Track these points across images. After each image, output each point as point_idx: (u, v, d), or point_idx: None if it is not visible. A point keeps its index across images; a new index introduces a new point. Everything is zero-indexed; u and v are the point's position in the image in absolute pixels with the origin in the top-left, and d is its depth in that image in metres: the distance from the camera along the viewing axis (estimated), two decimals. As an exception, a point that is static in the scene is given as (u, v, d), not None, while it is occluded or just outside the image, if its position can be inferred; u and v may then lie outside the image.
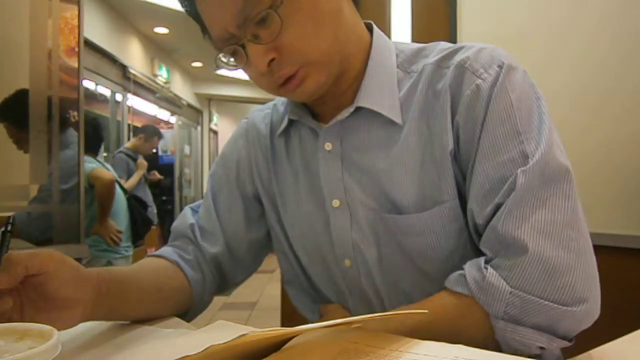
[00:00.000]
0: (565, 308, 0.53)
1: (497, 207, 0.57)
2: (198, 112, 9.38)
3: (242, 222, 0.83)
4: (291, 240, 0.79)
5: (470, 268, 0.57)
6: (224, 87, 9.28)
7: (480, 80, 0.61)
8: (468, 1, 1.75)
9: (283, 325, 1.94)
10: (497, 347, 0.55)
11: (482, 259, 0.57)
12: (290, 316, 2.14)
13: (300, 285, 0.83)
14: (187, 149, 8.62)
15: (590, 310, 0.54)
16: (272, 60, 0.61)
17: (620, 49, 1.45)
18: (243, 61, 0.63)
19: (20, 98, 1.84)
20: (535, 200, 0.55)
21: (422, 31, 1.84)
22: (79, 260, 1.75)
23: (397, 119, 0.66)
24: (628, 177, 1.42)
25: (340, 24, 0.64)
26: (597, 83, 1.49)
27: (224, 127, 10.65)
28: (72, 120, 1.84)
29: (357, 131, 0.69)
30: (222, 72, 8.47)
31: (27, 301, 0.53)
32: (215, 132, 10.64)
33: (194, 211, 0.87)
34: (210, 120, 10.01)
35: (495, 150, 0.59)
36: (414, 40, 1.85)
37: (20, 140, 1.88)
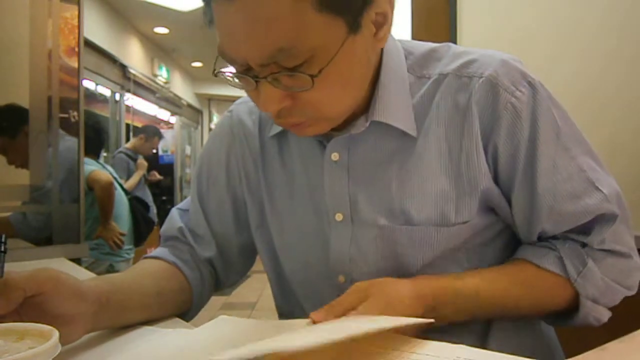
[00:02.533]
0: (627, 292, 0.67)
1: (585, 227, 0.65)
2: (198, 112, 9.38)
3: (231, 224, 0.80)
4: (276, 247, 0.76)
5: (566, 253, 0.65)
6: (224, 87, 9.24)
7: (514, 99, 0.62)
8: (468, 1, 1.75)
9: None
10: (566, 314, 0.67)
11: (579, 247, 0.65)
12: (288, 317, 2.12)
13: (280, 293, 0.80)
14: (188, 150, 8.60)
15: None
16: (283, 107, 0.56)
17: (621, 47, 1.45)
18: (250, 89, 0.57)
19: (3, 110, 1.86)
20: (625, 221, 0.66)
21: (422, 31, 1.84)
22: (78, 260, 1.71)
23: (412, 131, 0.64)
24: (633, 177, 1.42)
25: (366, 82, 0.62)
26: (597, 83, 1.49)
27: (224, 127, 10.63)
28: (72, 120, 1.84)
29: (366, 142, 0.66)
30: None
31: (28, 321, 0.52)
32: (215, 132, 10.61)
33: (182, 211, 0.84)
34: (210, 120, 10.01)
35: (555, 169, 0.63)
36: (414, 39, 1.85)
37: (6, 150, 1.89)
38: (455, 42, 1.83)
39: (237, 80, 0.58)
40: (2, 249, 0.55)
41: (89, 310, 0.56)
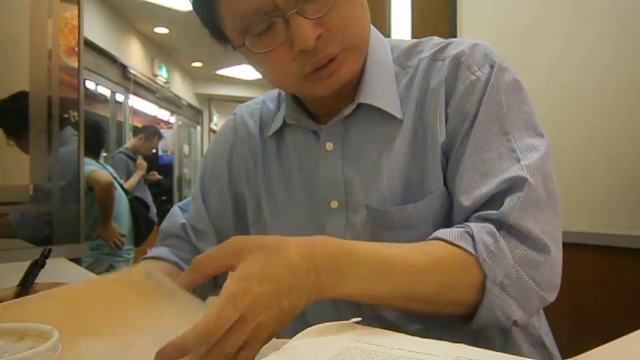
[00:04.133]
0: (543, 294, 0.59)
1: (496, 198, 0.60)
2: (198, 112, 9.38)
3: (231, 220, 0.82)
4: None
5: (479, 231, 0.58)
6: (224, 87, 9.28)
7: (474, 77, 0.65)
8: (468, 1, 1.75)
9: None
10: (471, 311, 0.58)
11: (492, 227, 0.58)
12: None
13: None
14: (186, 149, 8.56)
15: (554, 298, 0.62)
16: (318, 37, 0.59)
17: (623, 48, 1.45)
18: (278, 40, 0.60)
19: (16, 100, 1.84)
20: (551, 206, 0.61)
21: (422, 31, 1.84)
22: (78, 260, 1.71)
23: (398, 114, 0.68)
24: (632, 179, 1.42)
25: (369, 25, 0.67)
26: (598, 83, 1.49)
27: (224, 127, 10.63)
28: (72, 120, 1.84)
29: (358, 129, 0.69)
30: (222, 72, 8.48)
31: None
32: (215, 132, 10.63)
33: (183, 210, 0.86)
34: (210, 120, 10.01)
35: (486, 147, 0.62)
36: (414, 40, 1.85)
37: (17, 135, 1.88)
38: (455, 42, 1.82)
39: (257, 45, 0.61)
40: (41, 262, 0.56)
41: None
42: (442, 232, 0.60)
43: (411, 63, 0.70)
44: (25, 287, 0.52)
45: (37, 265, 0.55)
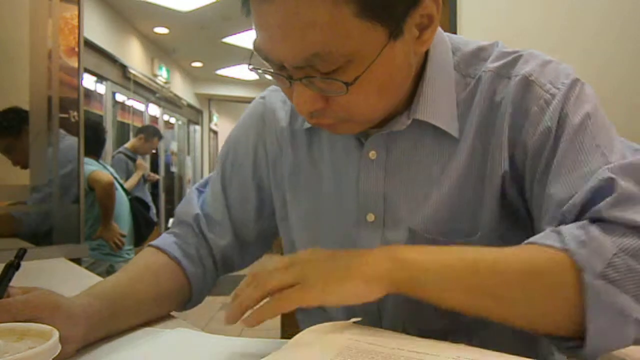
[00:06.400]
0: None
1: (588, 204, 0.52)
2: (198, 112, 9.39)
3: (253, 213, 0.79)
4: (297, 244, 0.74)
5: (566, 227, 0.50)
6: (224, 87, 9.28)
7: (548, 95, 0.58)
8: (468, 1, 1.75)
9: (283, 326, 1.94)
10: (580, 320, 0.47)
11: (584, 222, 0.50)
12: (290, 316, 2.13)
13: None
14: (174, 146, 8.07)
15: None
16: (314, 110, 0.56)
17: (621, 47, 1.45)
18: (285, 87, 0.57)
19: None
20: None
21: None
22: (78, 260, 1.70)
23: (454, 132, 0.61)
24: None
25: (405, 85, 0.60)
26: (597, 83, 1.49)
27: (224, 127, 10.67)
28: (72, 120, 1.84)
29: (406, 141, 0.64)
30: (222, 72, 8.48)
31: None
32: (215, 132, 10.65)
33: (200, 192, 0.82)
34: (210, 120, 10.02)
35: (578, 164, 0.54)
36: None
37: (10, 152, 1.89)
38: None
39: (269, 78, 0.58)
40: (15, 264, 0.55)
41: (81, 332, 0.55)
42: (532, 239, 0.52)
43: (473, 72, 0.63)
44: (0, 290, 0.52)
45: (11, 267, 0.54)
